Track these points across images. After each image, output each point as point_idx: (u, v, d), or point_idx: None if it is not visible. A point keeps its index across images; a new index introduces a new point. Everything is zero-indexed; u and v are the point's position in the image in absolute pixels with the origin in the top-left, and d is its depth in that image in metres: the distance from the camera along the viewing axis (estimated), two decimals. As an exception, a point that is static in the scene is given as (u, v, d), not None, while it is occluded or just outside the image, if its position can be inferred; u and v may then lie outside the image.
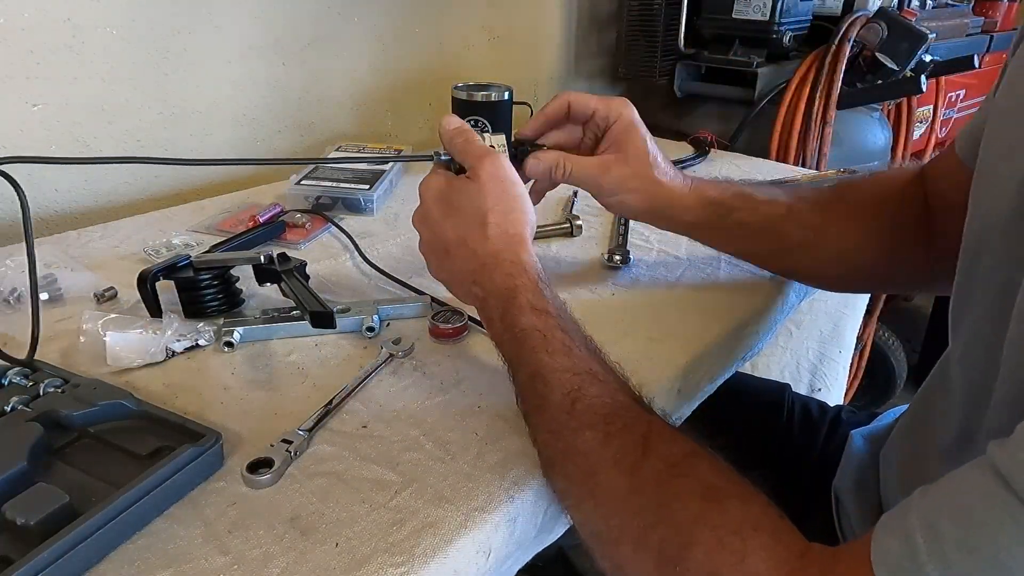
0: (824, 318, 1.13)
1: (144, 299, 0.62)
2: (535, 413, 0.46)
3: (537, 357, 0.46)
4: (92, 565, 0.38)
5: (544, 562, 1.14)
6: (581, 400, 0.43)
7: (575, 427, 0.43)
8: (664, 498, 0.38)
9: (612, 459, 0.41)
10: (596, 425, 0.42)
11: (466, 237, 0.53)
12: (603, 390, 0.44)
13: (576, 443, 0.42)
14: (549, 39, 1.46)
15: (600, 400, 0.43)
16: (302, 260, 0.66)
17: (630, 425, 0.42)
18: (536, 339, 0.47)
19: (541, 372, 0.46)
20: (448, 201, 0.55)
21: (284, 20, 1.03)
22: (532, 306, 0.49)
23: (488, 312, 0.52)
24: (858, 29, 1.23)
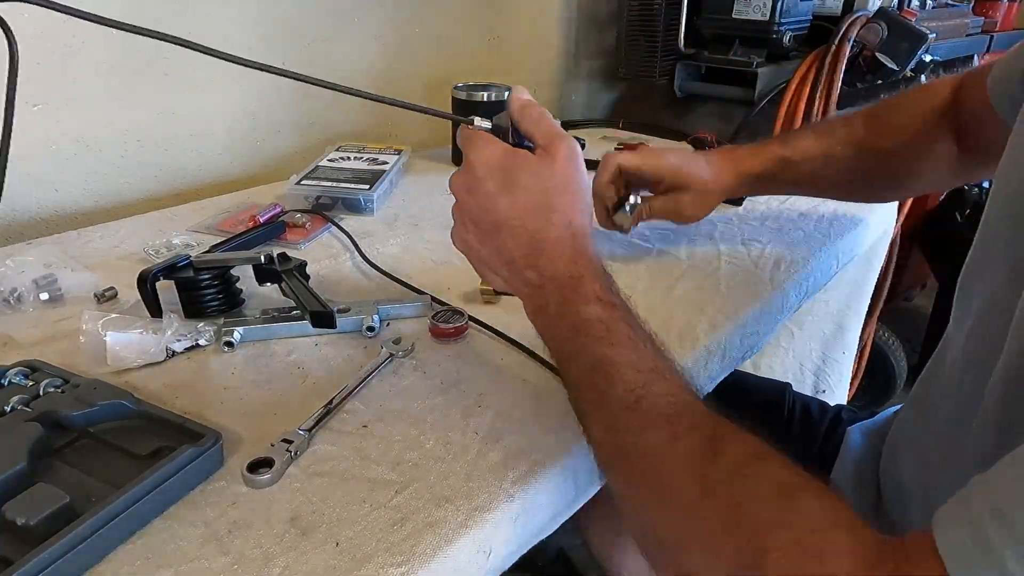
0: (826, 319, 1.13)
1: (144, 299, 0.62)
2: (593, 409, 0.44)
3: (599, 349, 0.44)
4: (92, 565, 0.38)
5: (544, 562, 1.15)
6: (646, 398, 0.41)
7: (638, 426, 0.41)
8: (736, 500, 0.36)
9: (679, 461, 0.39)
10: (661, 425, 0.40)
11: (526, 218, 0.49)
12: (668, 388, 0.42)
13: (639, 443, 0.40)
14: (549, 40, 1.46)
15: (665, 399, 0.41)
16: (302, 260, 0.66)
17: (697, 425, 0.40)
18: (599, 330, 0.44)
19: (602, 365, 0.43)
20: (508, 176, 0.49)
21: (284, 20, 1.03)
22: (597, 296, 0.46)
23: (543, 299, 0.48)
24: (858, 29, 1.23)
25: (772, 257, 0.78)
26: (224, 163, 1.04)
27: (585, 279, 0.47)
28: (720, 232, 0.84)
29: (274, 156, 1.09)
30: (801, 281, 0.76)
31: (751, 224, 0.87)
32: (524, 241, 0.49)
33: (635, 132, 1.35)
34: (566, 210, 0.49)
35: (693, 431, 0.40)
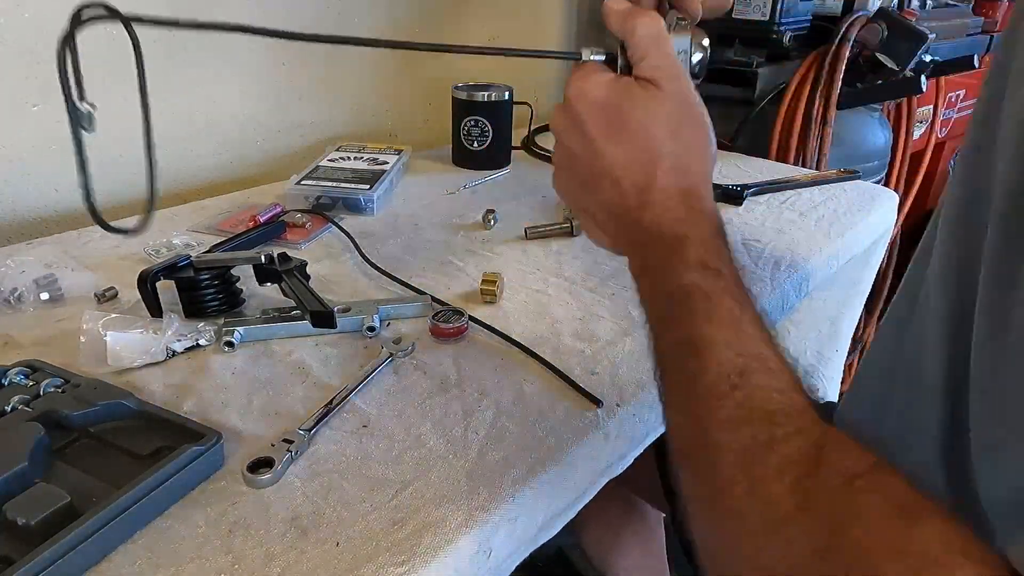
0: (822, 318, 1.13)
1: (144, 299, 0.62)
2: (676, 389, 0.38)
3: (694, 322, 0.37)
4: (93, 565, 0.38)
5: (544, 562, 1.15)
6: (742, 388, 0.35)
7: (728, 420, 0.34)
8: (842, 519, 0.30)
9: (775, 467, 0.32)
10: (758, 422, 0.34)
11: (631, 167, 0.43)
12: (773, 381, 0.35)
13: (728, 440, 0.34)
14: (549, 40, 1.46)
15: (767, 393, 0.35)
16: (302, 260, 0.66)
17: (803, 429, 0.33)
18: (698, 301, 0.38)
19: (695, 342, 0.37)
20: (613, 116, 0.43)
21: (284, 20, 1.03)
22: (702, 262, 0.39)
23: (643, 259, 0.43)
24: (858, 29, 1.23)
25: (772, 257, 0.78)
26: (224, 163, 1.04)
27: (690, 240, 0.40)
28: (720, 232, 0.84)
29: (274, 156, 1.09)
30: (801, 281, 0.76)
31: (751, 224, 0.87)
32: (628, 193, 0.43)
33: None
34: (680, 156, 0.43)
35: (797, 435, 0.33)
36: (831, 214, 0.91)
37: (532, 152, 1.19)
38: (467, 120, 1.07)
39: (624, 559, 1.01)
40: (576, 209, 0.48)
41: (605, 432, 0.51)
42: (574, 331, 0.63)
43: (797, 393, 0.35)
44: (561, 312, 0.66)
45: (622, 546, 1.01)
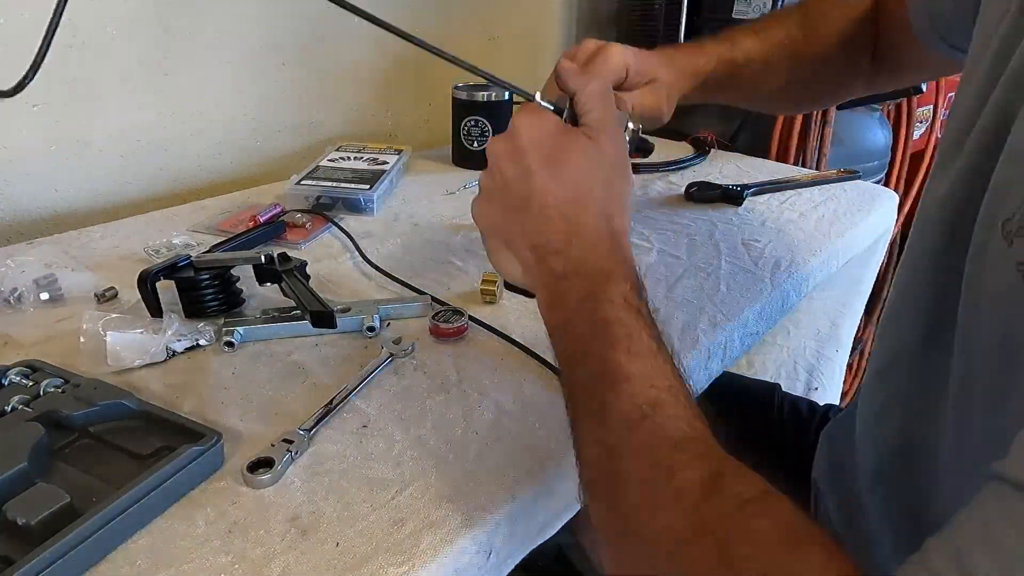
0: (822, 317, 1.13)
1: (144, 299, 0.62)
2: (587, 419, 0.40)
3: (613, 355, 0.39)
4: (93, 565, 0.38)
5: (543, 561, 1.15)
6: (652, 418, 0.36)
7: (637, 448, 0.36)
8: (731, 541, 0.31)
9: (674, 494, 0.34)
10: (662, 451, 0.36)
11: (564, 202, 0.45)
12: (681, 412, 0.37)
13: (633, 468, 0.36)
14: (549, 39, 1.47)
15: (675, 423, 0.36)
16: (302, 260, 0.66)
17: (704, 456, 0.35)
18: (619, 335, 0.40)
19: (612, 374, 0.38)
20: (555, 151, 0.46)
21: (284, 20, 1.03)
22: (625, 298, 0.42)
23: (562, 290, 0.44)
24: (858, 29, 1.23)
25: (772, 257, 0.78)
26: (224, 163, 1.04)
27: (615, 277, 0.43)
28: (720, 232, 0.85)
29: (274, 156, 1.09)
30: (801, 281, 0.76)
31: (751, 224, 0.87)
32: (557, 226, 0.44)
33: (635, 132, 1.35)
34: (610, 202, 0.45)
35: (698, 461, 0.35)
36: (831, 214, 0.91)
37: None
38: (467, 120, 1.07)
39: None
40: (492, 236, 0.49)
41: (605, 432, 0.51)
42: (574, 331, 0.62)
43: (700, 421, 0.37)
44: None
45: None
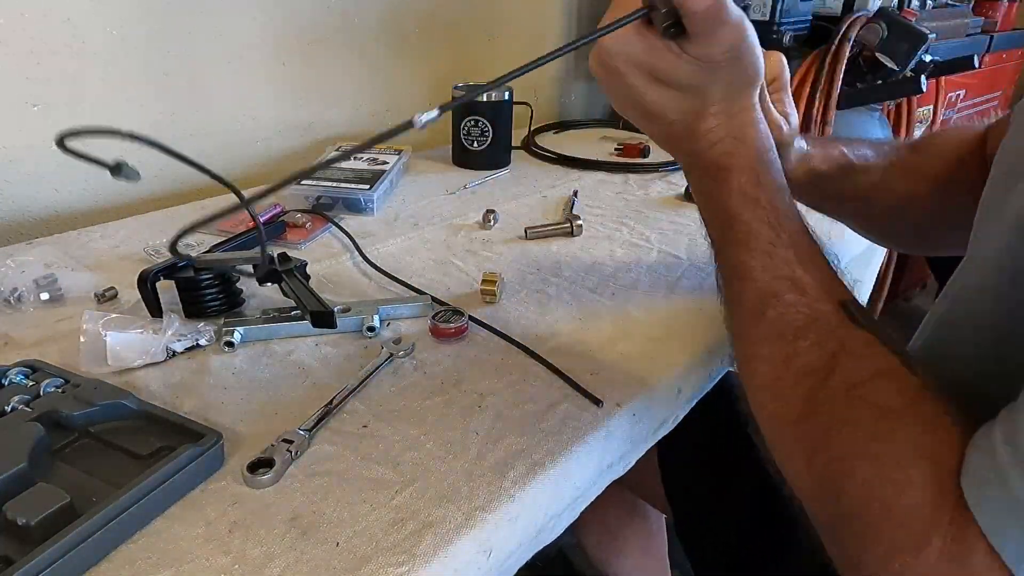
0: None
1: (144, 299, 0.62)
2: (729, 306, 0.45)
3: (737, 252, 0.43)
4: (92, 565, 0.38)
5: (544, 561, 1.15)
6: (774, 307, 0.41)
7: (761, 336, 0.41)
8: (833, 423, 0.36)
9: (794, 377, 0.39)
10: (784, 338, 0.40)
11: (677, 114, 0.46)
12: (801, 299, 0.40)
13: (760, 352, 0.41)
14: (549, 39, 1.47)
15: (795, 309, 0.40)
16: (302, 260, 0.66)
17: (823, 340, 0.39)
18: (740, 231, 0.43)
19: (739, 270, 0.43)
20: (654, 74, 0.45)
21: (284, 20, 1.03)
22: (742, 191, 0.44)
23: (697, 182, 0.48)
24: (858, 29, 1.23)
25: (772, 257, 0.78)
26: (224, 163, 1.04)
27: (733, 171, 0.44)
28: (720, 232, 0.84)
29: (274, 156, 1.09)
30: (801, 281, 0.76)
31: (751, 224, 0.87)
32: (678, 130, 0.46)
33: (635, 132, 1.35)
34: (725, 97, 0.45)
35: (817, 346, 0.39)
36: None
37: (532, 152, 1.19)
38: (467, 120, 1.07)
39: (625, 560, 1.01)
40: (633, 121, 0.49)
41: (605, 432, 0.51)
42: (574, 331, 0.63)
43: (824, 303, 0.40)
44: (561, 312, 0.66)
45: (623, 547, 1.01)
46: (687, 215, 0.90)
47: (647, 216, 0.90)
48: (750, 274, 0.42)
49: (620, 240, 0.82)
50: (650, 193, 0.99)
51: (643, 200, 0.96)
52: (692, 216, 0.90)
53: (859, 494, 0.34)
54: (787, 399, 0.39)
